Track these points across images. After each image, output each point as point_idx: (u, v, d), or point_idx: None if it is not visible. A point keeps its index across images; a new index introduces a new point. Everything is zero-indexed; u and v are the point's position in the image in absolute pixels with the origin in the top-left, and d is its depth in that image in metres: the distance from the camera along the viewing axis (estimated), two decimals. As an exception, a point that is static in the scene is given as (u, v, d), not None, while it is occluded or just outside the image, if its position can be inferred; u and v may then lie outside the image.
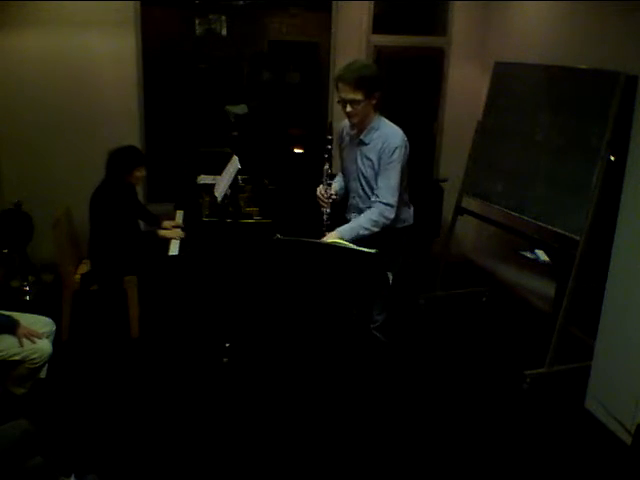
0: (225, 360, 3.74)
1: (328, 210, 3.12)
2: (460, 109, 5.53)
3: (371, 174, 3.09)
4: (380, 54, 5.47)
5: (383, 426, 3.27)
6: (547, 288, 4.59)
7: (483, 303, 5.01)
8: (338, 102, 3.05)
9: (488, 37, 5.40)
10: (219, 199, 3.87)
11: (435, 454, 3.10)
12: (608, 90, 3.50)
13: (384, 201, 3.00)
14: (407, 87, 5.67)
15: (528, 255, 4.36)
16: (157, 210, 4.52)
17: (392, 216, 3.02)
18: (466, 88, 5.51)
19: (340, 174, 3.39)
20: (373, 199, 3.06)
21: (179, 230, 4.12)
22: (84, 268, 4.13)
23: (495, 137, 4.54)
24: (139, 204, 4.36)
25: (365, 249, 2.66)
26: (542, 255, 4.28)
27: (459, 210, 4.83)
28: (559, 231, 3.77)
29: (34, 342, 2.99)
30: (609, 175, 3.48)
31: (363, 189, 3.17)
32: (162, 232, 4.07)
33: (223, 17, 5.51)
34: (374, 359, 3.44)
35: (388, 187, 3.00)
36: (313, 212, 3.24)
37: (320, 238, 2.99)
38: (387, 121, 3.12)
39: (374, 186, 3.09)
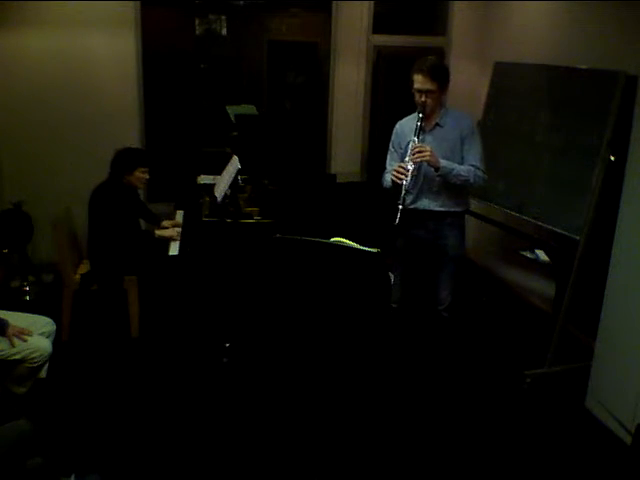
0: (225, 360, 3.74)
1: (407, 181, 3.19)
2: (460, 109, 5.48)
3: (448, 155, 3.29)
4: (380, 54, 5.47)
5: (382, 426, 3.26)
6: (547, 288, 4.58)
7: (483, 303, 5.01)
8: (412, 92, 3.34)
9: (488, 37, 5.39)
10: (219, 199, 3.87)
11: (435, 454, 3.10)
12: (608, 90, 3.50)
13: (477, 165, 3.31)
14: (407, 87, 5.63)
15: (528, 255, 4.35)
16: (157, 210, 4.52)
17: (484, 177, 3.34)
18: (466, 88, 5.50)
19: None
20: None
21: (176, 230, 4.11)
22: (84, 268, 4.13)
23: (495, 137, 4.54)
24: (140, 203, 4.36)
25: (367, 248, 2.65)
26: (542, 255, 4.27)
27: (459, 210, 4.82)
28: (559, 231, 3.76)
29: (25, 340, 2.97)
30: (609, 175, 3.47)
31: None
32: (159, 232, 4.08)
33: (223, 17, 5.52)
34: (443, 338, 3.72)
35: (476, 155, 3.33)
36: (313, 212, 3.23)
37: (397, 209, 3.12)
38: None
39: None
